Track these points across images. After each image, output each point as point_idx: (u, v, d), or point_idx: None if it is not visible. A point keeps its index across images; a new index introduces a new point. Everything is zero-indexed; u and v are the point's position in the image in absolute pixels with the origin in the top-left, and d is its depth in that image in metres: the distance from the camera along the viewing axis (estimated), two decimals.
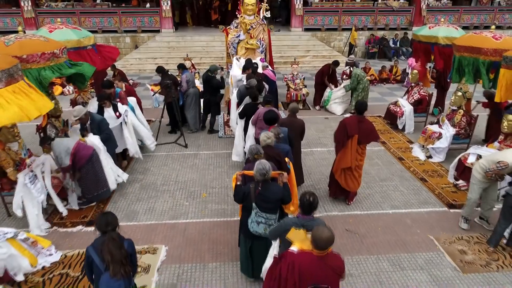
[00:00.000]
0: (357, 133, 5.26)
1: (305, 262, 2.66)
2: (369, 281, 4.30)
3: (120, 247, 2.94)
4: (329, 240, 2.60)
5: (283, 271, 2.72)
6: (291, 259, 2.71)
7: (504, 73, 5.68)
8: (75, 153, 5.24)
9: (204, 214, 5.53)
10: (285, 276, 2.70)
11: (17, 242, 4.27)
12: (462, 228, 5.20)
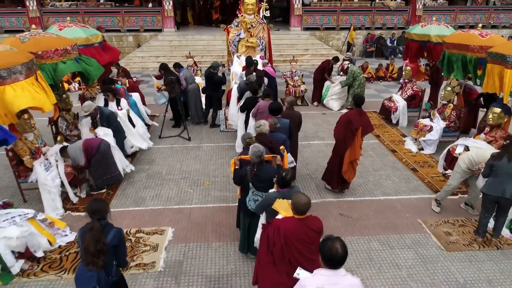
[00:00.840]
0: (361, 125, 5.60)
1: (288, 225, 3.04)
2: (360, 259, 4.67)
3: (97, 238, 2.96)
4: (306, 205, 2.99)
5: (270, 234, 3.11)
6: (277, 224, 3.10)
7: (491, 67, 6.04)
8: (85, 149, 5.61)
9: (208, 200, 5.91)
10: (272, 239, 3.07)
11: (36, 222, 4.65)
12: (434, 211, 5.60)
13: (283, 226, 3.05)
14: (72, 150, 5.63)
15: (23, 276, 4.35)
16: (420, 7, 17.82)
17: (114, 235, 3.10)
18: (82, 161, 5.63)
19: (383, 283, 4.29)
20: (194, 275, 4.39)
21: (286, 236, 3.00)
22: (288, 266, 2.86)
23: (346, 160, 5.76)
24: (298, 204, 2.99)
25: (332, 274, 2.46)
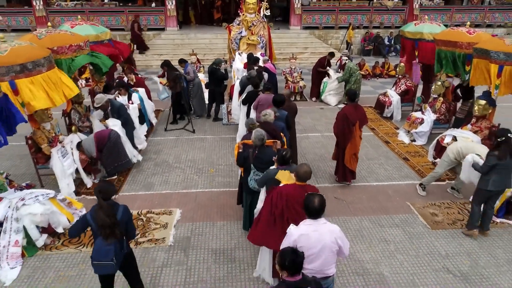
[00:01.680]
0: (358, 119, 6.02)
1: (290, 189, 3.51)
2: (353, 235, 5.11)
3: (109, 214, 3.29)
4: (306, 172, 3.44)
5: (274, 197, 3.56)
6: (280, 189, 3.57)
7: (477, 62, 6.48)
8: (97, 140, 6.06)
9: (212, 185, 6.35)
10: (275, 201, 3.53)
11: (57, 201, 5.09)
12: (420, 195, 6.01)
13: (285, 191, 3.52)
14: (86, 143, 6.09)
15: (46, 249, 4.79)
16: (416, 7, 18.24)
17: (123, 212, 3.47)
18: (94, 152, 6.06)
19: (373, 256, 4.73)
20: (200, 248, 4.83)
21: (288, 199, 3.46)
22: (285, 224, 3.29)
23: (348, 153, 6.15)
24: (300, 171, 3.46)
25: (313, 223, 2.95)
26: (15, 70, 4.90)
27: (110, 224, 3.32)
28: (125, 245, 3.57)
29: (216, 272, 4.45)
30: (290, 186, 3.61)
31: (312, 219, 2.97)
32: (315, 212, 2.95)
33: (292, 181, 3.65)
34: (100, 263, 3.40)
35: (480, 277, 4.41)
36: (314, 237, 2.84)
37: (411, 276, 4.41)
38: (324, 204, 2.99)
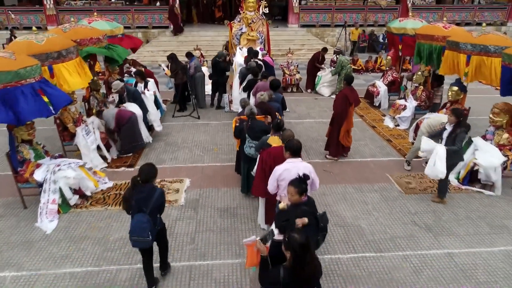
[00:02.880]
0: (354, 100, 6.92)
1: (277, 150, 4.39)
2: (337, 198, 5.99)
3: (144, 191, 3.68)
4: (290, 136, 4.30)
5: (264, 157, 4.44)
6: (269, 150, 4.46)
7: (447, 53, 7.36)
8: (117, 118, 6.92)
9: (216, 161, 7.23)
10: (265, 159, 4.40)
11: (85, 169, 5.97)
12: (406, 170, 6.88)
13: (273, 151, 4.40)
14: (106, 114, 6.95)
15: (77, 208, 5.68)
16: (409, 6, 19.12)
17: (159, 195, 3.79)
18: (112, 125, 6.92)
19: (353, 213, 5.61)
20: (208, 207, 5.72)
21: (275, 157, 4.33)
22: None
23: (343, 129, 7.06)
24: (285, 135, 4.33)
25: (293, 161, 3.88)
26: (52, 56, 5.79)
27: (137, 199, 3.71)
28: (158, 222, 3.94)
29: (221, 224, 5.33)
30: (278, 147, 4.49)
31: (293, 158, 3.87)
32: (296, 150, 3.89)
33: (280, 143, 4.53)
34: (137, 239, 3.75)
35: (441, 228, 5.29)
36: (294, 171, 3.70)
37: (384, 227, 5.29)
38: (301, 146, 3.96)
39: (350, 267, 4.56)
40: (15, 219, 5.44)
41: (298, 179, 3.37)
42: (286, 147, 3.96)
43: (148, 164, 3.91)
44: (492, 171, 6.01)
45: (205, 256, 4.70)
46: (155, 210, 3.83)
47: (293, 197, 3.37)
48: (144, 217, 3.70)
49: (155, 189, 3.82)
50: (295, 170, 3.69)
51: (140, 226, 3.69)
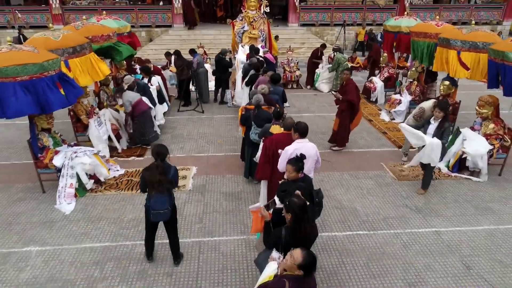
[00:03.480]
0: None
1: (279, 136, 4.79)
2: (333, 184, 6.41)
3: (162, 172, 3.99)
4: (290, 123, 4.69)
5: (267, 143, 4.83)
6: (271, 137, 4.86)
7: (440, 50, 7.77)
8: (135, 105, 7.31)
9: (221, 151, 7.66)
10: (268, 146, 4.80)
11: (99, 157, 6.40)
12: (403, 161, 7.29)
13: (275, 138, 4.81)
14: (125, 97, 7.26)
15: (92, 192, 6.10)
16: (407, 5, 19.53)
17: (174, 172, 4.22)
18: (129, 109, 7.29)
19: (349, 197, 6.03)
20: (214, 191, 6.14)
21: (277, 143, 4.74)
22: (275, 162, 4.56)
23: (360, 116, 7.73)
24: (285, 122, 4.75)
25: (301, 141, 4.27)
26: (68, 52, 6.21)
27: (158, 180, 4.05)
28: (173, 198, 4.34)
29: (226, 206, 5.76)
30: (279, 134, 4.90)
31: (301, 138, 4.29)
32: (304, 131, 4.33)
33: (281, 131, 4.94)
34: (158, 212, 4.13)
35: (430, 210, 5.71)
36: (303, 150, 4.10)
37: (377, 209, 5.71)
38: (308, 128, 4.39)
39: (345, 243, 4.98)
40: (35, 202, 5.87)
41: (295, 159, 3.79)
42: (295, 129, 4.37)
43: (159, 145, 4.29)
44: (479, 158, 6.43)
45: (212, 233, 5.13)
46: (173, 186, 4.26)
47: (291, 174, 3.79)
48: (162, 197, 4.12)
49: (171, 166, 4.24)
50: (303, 150, 4.11)
51: (161, 200, 4.12)
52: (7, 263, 4.59)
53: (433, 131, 5.82)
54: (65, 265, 4.55)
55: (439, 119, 5.81)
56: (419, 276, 4.42)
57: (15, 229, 5.22)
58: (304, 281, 2.58)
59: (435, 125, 5.83)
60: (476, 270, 4.53)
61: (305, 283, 2.60)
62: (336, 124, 7.66)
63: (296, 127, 4.45)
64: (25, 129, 8.64)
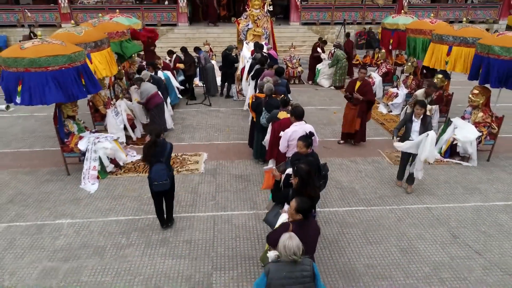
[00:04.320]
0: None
1: (285, 121, 5.35)
2: (334, 168, 6.95)
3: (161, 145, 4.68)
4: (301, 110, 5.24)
5: (276, 127, 5.41)
6: (279, 121, 5.43)
7: (433, 46, 8.31)
8: (150, 97, 7.82)
9: (229, 139, 8.21)
10: (277, 129, 5.36)
11: (118, 143, 6.94)
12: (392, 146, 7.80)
13: (283, 122, 5.38)
14: (143, 88, 7.76)
15: (112, 174, 6.64)
16: (405, 4, 20.08)
17: (171, 147, 4.90)
18: (144, 100, 7.80)
19: (348, 179, 6.58)
20: (224, 174, 6.69)
21: (284, 127, 5.29)
22: None
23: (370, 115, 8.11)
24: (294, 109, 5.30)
25: (299, 124, 4.83)
26: (90, 46, 6.76)
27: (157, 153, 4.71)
28: (171, 168, 4.96)
29: (237, 186, 6.30)
30: (286, 119, 5.46)
31: (297, 121, 4.83)
32: (299, 114, 4.88)
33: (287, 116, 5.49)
34: (159, 183, 4.72)
35: (423, 190, 6.25)
36: (300, 131, 4.65)
37: (374, 189, 6.25)
38: (303, 112, 4.96)
39: (345, 217, 5.53)
40: (62, 183, 6.41)
41: (305, 136, 4.33)
42: (292, 113, 4.93)
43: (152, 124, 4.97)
44: (468, 145, 6.97)
45: (225, 208, 5.67)
46: (169, 159, 4.90)
47: (301, 149, 4.34)
48: (162, 165, 4.71)
49: (167, 142, 4.90)
50: (301, 131, 4.65)
51: (159, 172, 4.69)
52: (43, 233, 5.13)
53: (418, 128, 5.81)
54: (94, 235, 5.09)
55: (420, 116, 5.82)
56: (411, 244, 4.96)
57: (46, 205, 5.77)
58: (304, 223, 3.13)
59: (419, 122, 5.83)
60: (462, 239, 5.07)
61: (306, 225, 3.14)
62: (358, 124, 7.64)
63: (293, 112, 5.06)
64: (43, 120, 9.28)
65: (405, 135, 5.98)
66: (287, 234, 2.74)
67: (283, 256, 2.70)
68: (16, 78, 5.57)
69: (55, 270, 4.46)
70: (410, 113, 6.04)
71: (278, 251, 2.75)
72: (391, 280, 4.36)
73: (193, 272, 4.43)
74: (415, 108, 5.86)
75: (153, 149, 4.73)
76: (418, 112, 5.82)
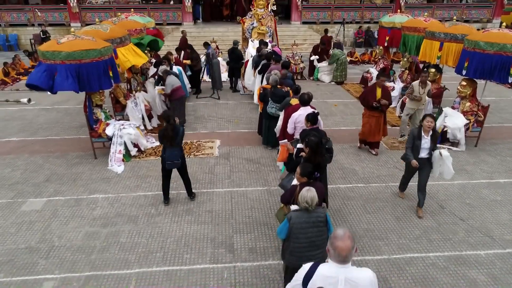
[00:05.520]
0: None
1: (297, 107, 6.04)
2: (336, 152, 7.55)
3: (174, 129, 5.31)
4: (309, 96, 5.95)
5: (289, 111, 6.10)
6: (292, 107, 6.12)
7: (425, 42, 9.04)
8: (175, 89, 8.47)
9: (239, 128, 8.92)
10: (290, 113, 6.06)
11: (140, 130, 7.64)
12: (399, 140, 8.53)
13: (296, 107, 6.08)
14: (170, 79, 8.35)
15: (135, 158, 7.35)
16: (402, 4, 20.83)
17: (183, 130, 5.58)
18: (169, 91, 8.42)
19: (349, 161, 7.30)
20: (237, 157, 7.40)
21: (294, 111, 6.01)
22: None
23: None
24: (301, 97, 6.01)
25: (304, 108, 5.55)
26: (116, 42, 7.46)
27: (171, 136, 5.37)
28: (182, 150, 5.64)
29: (249, 167, 7.02)
30: (297, 105, 6.18)
31: (303, 106, 5.55)
32: (303, 101, 5.60)
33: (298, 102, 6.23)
34: (172, 162, 5.47)
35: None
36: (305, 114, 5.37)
37: (372, 170, 6.98)
38: (308, 99, 5.62)
39: (346, 192, 6.25)
40: (90, 165, 7.11)
41: (311, 114, 5.07)
42: (299, 100, 5.64)
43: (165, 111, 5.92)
44: (457, 131, 7.70)
45: (240, 185, 6.39)
46: (181, 141, 5.53)
47: (307, 124, 5.07)
48: (176, 148, 5.41)
49: (179, 127, 5.53)
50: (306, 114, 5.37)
51: (173, 153, 5.42)
52: (80, 205, 5.83)
53: (428, 145, 5.34)
54: (126, 206, 5.80)
55: (430, 132, 5.32)
56: (404, 213, 5.69)
57: (80, 183, 6.47)
58: (309, 184, 3.81)
59: (428, 140, 5.33)
60: (448, 209, 5.80)
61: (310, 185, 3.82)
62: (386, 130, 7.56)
63: (299, 99, 5.80)
64: (64, 112, 10.00)
65: (414, 155, 5.40)
66: (307, 187, 3.45)
67: (299, 203, 3.41)
68: (53, 69, 6.27)
69: (96, 234, 5.16)
70: (418, 129, 5.42)
71: (297, 199, 3.46)
72: (387, 241, 5.08)
73: (217, 235, 5.14)
74: (425, 121, 5.27)
75: (167, 133, 5.39)
76: (429, 125, 5.23)
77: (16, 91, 11.96)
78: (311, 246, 3.44)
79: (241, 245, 4.94)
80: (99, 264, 4.61)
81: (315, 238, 3.43)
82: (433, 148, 5.38)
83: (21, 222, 5.41)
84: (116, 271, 4.49)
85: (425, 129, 5.29)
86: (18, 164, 7.14)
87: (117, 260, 4.66)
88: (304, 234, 3.40)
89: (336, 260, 2.43)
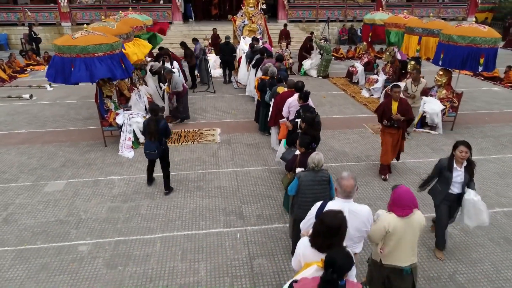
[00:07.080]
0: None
1: (286, 93, 6.74)
2: (327, 137, 8.41)
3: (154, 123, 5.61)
4: (293, 83, 6.64)
5: (278, 99, 6.79)
6: (280, 95, 6.81)
7: (405, 37, 9.90)
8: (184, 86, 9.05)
9: (236, 119, 9.58)
10: (278, 101, 6.75)
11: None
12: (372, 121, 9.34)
13: (283, 95, 6.77)
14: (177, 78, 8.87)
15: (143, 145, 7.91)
16: (384, 3, 21.84)
17: (164, 123, 5.79)
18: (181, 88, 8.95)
19: (339, 144, 8.06)
20: (237, 143, 8.07)
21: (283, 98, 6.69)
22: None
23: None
24: (289, 83, 6.72)
25: (297, 94, 6.23)
26: (123, 37, 8.01)
27: (153, 131, 5.69)
28: (164, 143, 5.87)
29: (249, 151, 7.69)
30: (287, 91, 6.89)
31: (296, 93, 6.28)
32: (297, 88, 6.28)
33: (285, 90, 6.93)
34: (149, 153, 5.87)
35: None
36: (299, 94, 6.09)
37: (360, 151, 7.75)
38: (302, 86, 6.32)
39: (338, 169, 6.99)
40: (102, 152, 7.65)
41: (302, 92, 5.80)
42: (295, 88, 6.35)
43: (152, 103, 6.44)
44: (435, 116, 8.55)
45: (243, 166, 7.06)
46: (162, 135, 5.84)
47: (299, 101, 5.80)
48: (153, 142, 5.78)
49: (162, 119, 5.95)
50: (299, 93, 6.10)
51: (150, 146, 5.82)
52: (99, 185, 6.39)
53: (462, 179, 4.37)
54: (142, 185, 6.39)
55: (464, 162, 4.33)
56: (390, 184, 6.42)
57: (95, 167, 7.02)
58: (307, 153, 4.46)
59: (462, 171, 4.35)
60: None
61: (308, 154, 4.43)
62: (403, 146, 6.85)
63: (294, 87, 6.48)
64: (67, 106, 10.46)
65: (442, 188, 4.51)
66: (316, 151, 4.16)
67: (308, 164, 4.11)
68: (69, 62, 6.79)
69: (118, 208, 5.75)
70: (449, 159, 4.47)
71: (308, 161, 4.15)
72: (375, 206, 5.83)
73: (227, 205, 5.80)
74: (457, 150, 4.28)
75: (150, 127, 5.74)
76: (463, 156, 4.24)
77: (16, 88, 12.30)
78: (316, 201, 4.13)
79: (250, 213, 5.61)
80: (125, 231, 5.21)
81: (319, 194, 4.13)
82: (468, 184, 4.38)
83: (47, 200, 5.95)
84: (142, 236, 5.10)
85: (458, 160, 4.32)
86: (33, 152, 7.62)
87: (141, 228, 5.27)
88: (310, 190, 4.11)
89: (342, 196, 3.14)
